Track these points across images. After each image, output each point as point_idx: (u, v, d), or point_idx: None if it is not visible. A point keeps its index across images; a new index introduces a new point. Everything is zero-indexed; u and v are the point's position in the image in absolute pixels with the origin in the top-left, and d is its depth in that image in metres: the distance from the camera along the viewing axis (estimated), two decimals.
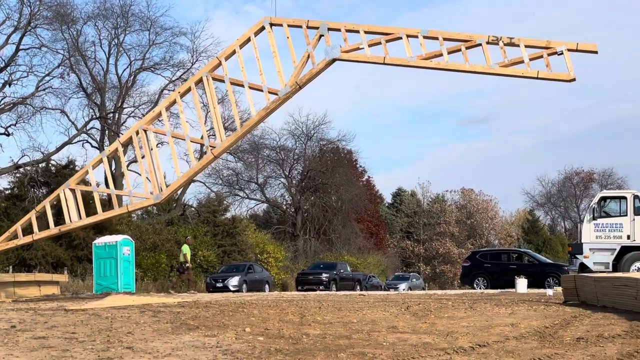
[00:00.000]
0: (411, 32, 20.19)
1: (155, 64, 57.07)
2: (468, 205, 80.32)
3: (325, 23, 20.97)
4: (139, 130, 22.02)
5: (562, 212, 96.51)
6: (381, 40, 20.47)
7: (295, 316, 15.43)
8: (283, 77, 21.04)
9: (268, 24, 21.34)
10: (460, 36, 19.98)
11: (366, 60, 20.85)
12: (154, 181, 21.65)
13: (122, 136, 23.21)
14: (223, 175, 64.42)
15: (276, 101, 20.99)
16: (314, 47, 21.01)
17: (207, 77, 21.52)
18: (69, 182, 22.36)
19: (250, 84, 21.42)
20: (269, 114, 21.71)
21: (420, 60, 20.13)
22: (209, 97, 21.63)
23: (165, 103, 22.60)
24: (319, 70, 20.92)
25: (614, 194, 31.39)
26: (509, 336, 11.53)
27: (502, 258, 35.65)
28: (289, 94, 20.97)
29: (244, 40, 21.51)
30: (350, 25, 20.83)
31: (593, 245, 27.49)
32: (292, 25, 21.38)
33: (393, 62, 20.58)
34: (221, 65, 21.66)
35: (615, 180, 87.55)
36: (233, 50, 21.57)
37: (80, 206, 22.10)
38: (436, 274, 75.74)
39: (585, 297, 17.39)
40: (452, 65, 19.95)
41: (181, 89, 22.28)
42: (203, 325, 13.66)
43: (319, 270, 44.24)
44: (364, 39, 20.60)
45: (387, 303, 18.96)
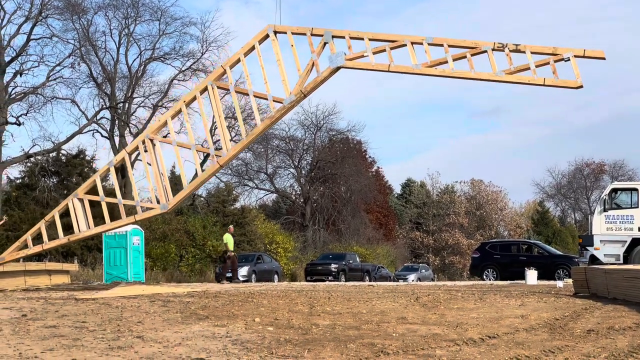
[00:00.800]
0: (416, 40, 20.09)
1: (165, 54, 57.11)
2: (477, 197, 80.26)
3: (329, 31, 20.90)
4: (145, 140, 22.00)
5: (573, 204, 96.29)
6: (386, 47, 20.37)
7: (305, 306, 15.45)
8: (288, 85, 20.94)
9: (272, 32, 21.21)
10: (465, 43, 19.85)
11: (371, 68, 20.85)
12: (160, 190, 21.66)
13: (129, 145, 23.25)
14: (232, 165, 64.45)
15: (281, 110, 20.90)
16: (319, 54, 20.94)
17: (212, 86, 21.35)
18: (77, 192, 22.48)
19: (255, 93, 21.42)
20: (273, 122, 21.75)
21: (425, 67, 20.04)
22: (214, 106, 21.48)
23: (171, 112, 22.44)
24: (324, 78, 20.83)
25: (625, 185, 31.29)
26: (519, 328, 11.51)
27: (511, 249, 35.60)
28: (293, 102, 20.89)
29: (248, 48, 21.41)
30: (355, 33, 20.76)
31: (604, 237, 27.44)
32: (296, 33, 21.24)
33: (398, 70, 20.50)
34: (226, 74, 21.63)
35: (627, 171, 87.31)
36: (238, 59, 21.47)
37: (89, 215, 22.22)
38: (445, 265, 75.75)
39: (595, 289, 17.36)
40: (457, 72, 19.86)
41: (186, 97, 22.07)
42: (213, 315, 13.68)
43: (328, 260, 44.28)
44: (368, 47, 20.48)
45: (396, 294, 18.96)
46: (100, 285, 25.48)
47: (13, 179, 51.19)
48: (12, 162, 49.70)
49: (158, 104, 56.06)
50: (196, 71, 57.31)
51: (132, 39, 56.18)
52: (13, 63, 49.98)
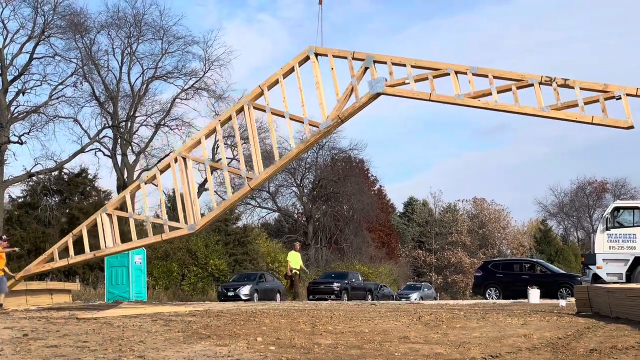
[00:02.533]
0: (460, 69, 19.72)
1: (168, 73, 57.26)
2: (480, 215, 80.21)
3: (371, 55, 20.43)
4: (177, 157, 21.69)
5: (575, 222, 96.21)
6: (428, 75, 19.95)
7: (307, 325, 15.41)
8: (325, 109, 20.58)
9: (313, 53, 20.88)
10: (511, 75, 19.41)
11: (412, 96, 20.29)
12: (189, 211, 21.27)
13: (161, 163, 22.98)
14: (235, 184, 64.40)
15: (316, 134, 20.60)
16: (359, 79, 20.48)
17: (248, 106, 21.11)
18: (107, 207, 22.14)
19: (291, 115, 20.97)
20: (308, 147, 21.48)
21: (468, 98, 19.56)
22: (249, 126, 21.16)
23: (205, 131, 22.13)
24: (362, 104, 20.39)
25: (628, 204, 31.26)
26: (522, 347, 11.47)
27: (514, 268, 35.51)
28: (330, 127, 20.55)
29: (288, 69, 21.09)
30: (397, 59, 20.29)
31: (606, 255, 27.39)
32: (337, 56, 20.83)
33: (440, 100, 19.95)
34: (263, 95, 21.25)
35: (629, 190, 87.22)
36: (276, 80, 21.11)
37: (116, 231, 21.86)
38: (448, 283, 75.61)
39: (598, 308, 17.31)
40: (501, 105, 19.42)
41: (222, 117, 21.89)
42: (214, 334, 13.65)
43: (331, 279, 44.21)
44: (410, 74, 20.07)
45: (398, 313, 18.92)
46: (102, 305, 25.42)
47: (15, 198, 51.16)
48: (14, 180, 49.72)
49: (160, 123, 56.20)
50: (198, 90, 57.48)
51: (134, 58, 56.42)
52: (15, 82, 50.16)
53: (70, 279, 38.81)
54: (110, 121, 55.04)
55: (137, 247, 23.21)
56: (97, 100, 54.69)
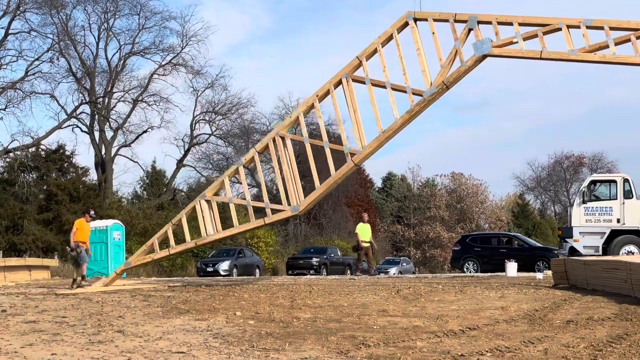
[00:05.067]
0: (572, 22, 18.67)
1: (145, 49, 56.92)
2: (458, 190, 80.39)
3: (474, 16, 19.47)
4: (275, 137, 21.19)
5: (552, 196, 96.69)
6: (537, 32, 18.90)
7: (286, 300, 15.47)
8: (429, 76, 19.71)
9: (412, 19, 19.91)
10: (629, 24, 18.26)
11: (521, 55, 19.35)
12: (291, 192, 20.77)
13: (258, 144, 21.94)
14: (213, 159, 64.29)
15: (420, 103, 19.63)
16: (463, 42, 19.49)
17: (346, 78, 20.30)
18: (205, 193, 21.34)
19: (392, 85, 20.05)
20: (412, 117, 20.18)
21: (583, 53, 18.54)
22: (349, 99, 20.26)
23: (303, 107, 21.31)
24: (468, 68, 19.47)
25: (604, 177, 31.44)
26: (499, 319, 11.58)
27: (492, 242, 35.69)
28: (435, 94, 19.56)
29: (386, 37, 20.16)
30: (503, 17, 19.34)
31: (583, 228, 27.57)
32: (438, 20, 19.82)
33: (552, 57, 19.05)
34: (361, 66, 20.41)
35: (605, 164, 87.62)
36: (374, 49, 20.24)
37: (216, 218, 21.26)
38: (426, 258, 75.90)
39: (575, 280, 17.47)
40: (619, 58, 18.26)
41: (319, 92, 20.85)
42: (194, 309, 13.69)
43: (310, 254, 44.29)
44: (518, 32, 19.04)
45: (377, 287, 19.02)
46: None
47: None
48: None
49: (138, 99, 55.91)
50: (176, 65, 57.18)
51: (111, 34, 56.04)
52: None
53: (48, 255, 38.64)
54: (88, 97, 54.70)
55: (239, 232, 22.52)
56: (74, 76, 54.29)
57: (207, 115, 61.37)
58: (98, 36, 55.68)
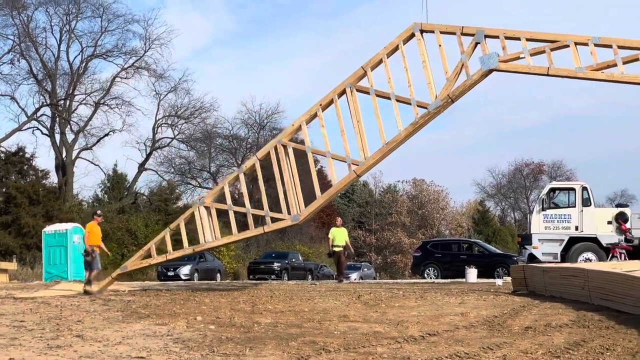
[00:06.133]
0: (580, 40, 18.57)
1: (108, 51, 56.58)
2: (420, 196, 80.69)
3: (481, 29, 19.38)
4: (277, 145, 20.89)
5: (512, 203, 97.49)
6: (545, 48, 18.85)
7: (247, 305, 15.45)
8: (434, 89, 19.51)
9: (418, 30, 19.73)
10: (638, 43, 18.24)
11: (528, 71, 19.23)
12: (291, 201, 20.56)
13: (260, 152, 21.64)
14: (175, 163, 64.06)
15: (425, 116, 19.45)
16: (469, 56, 19.38)
17: (350, 88, 19.98)
18: (204, 199, 21.17)
19: (397, 97, 19.78)
20: (417, 129, 19.96)
21: (591, 71, 18.42)
22: (352, 110, 19.92)
23: (305, 116, 20.85)
24: (474, 82, 19.33)
25: (563, 185, 31.83)
26: (459, 325, 11.67)
27: (452, 248, 35.96)
28: (439, 108, 19.36)
29: (392, 48, 19.94)
30: (510, 32, 19.25)
31: (542, 235, 27.85)
32: (445, 32, 19.65)
33: (559, 74, 18.94)
34: (366, 76, 20.10)
35: (565, 171, 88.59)
36: (380, 60, 19.96)
37: (215, 225, 20.98)
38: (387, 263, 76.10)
39: (533, 287, 17.62)
40: (628, 77, 18.20)
41: (322, 101, 20.51)
42: (154, 313, 13.62)
43: (271, 259, 44.29)
44: (525, 47, 18.94)
45: (338, 292, 19.06)
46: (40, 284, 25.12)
47: None
48: None
49: (100, 102, 55.52)
50: (139, 69, 56.88)
51: (73, 36, 55.61)
52: None
53: (7, 258, 38.21)
54: (49, 99, 54.22)
55: (238, 240, 22.29)
56: (35, 78, 53.84)
57: (170, 119, 61.15)
58: (60, 38, 55.30)
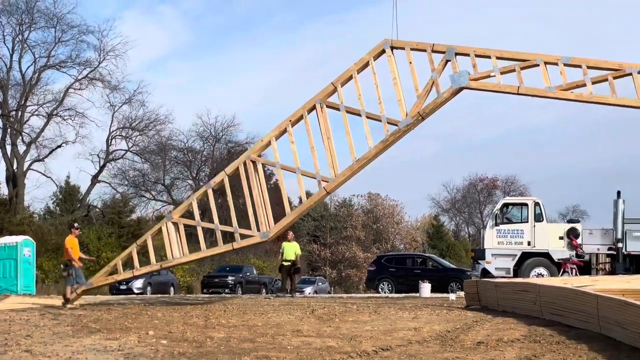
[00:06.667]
0: (550, 59, 18.77)
1: (61, 62, 55.99)
2: (374, 210, 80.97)
3: (452, 47, 19.40)
4: (246, 161, 20.65)
5: (466, 218, 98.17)
6: (515, 67, 18.95)
7: (200, 319, 15.34)
8: (404, 106, 19.48)
9: (389, 47, 19.72)
10: (607, 64, 18.46)
11: (498, 89, 19.33)
12: (261, 217, 20.35)
13: (229, 167, 21.49)
14: (129, 176, 63.48)
15: (395, 133, 19.42)
16: (439, 73, 19.40)
17: (320, 104, 19.88)
18: (172, 215, 21.02)
19: (367, 114, 19.75)
20: (387, 146, 19.96)
21: (560, 91, 18.63)
22: (322, 126, 19.85)
23: (275, 132, 20.82)
24: (445, 100, 19.34)
25: (516, 200, 32.17)
26: (412, 340, 11.68)
27: (406, 262, 36.11)
28: (410, 125, 19.34)
29: (362, 64, 19.90)
30: (481, 51, 19.29)
31: (495, 250, 28.10)
32: (415, 49, 19.64)
33: (529, 93, 19.06)
34: (336, 92, 20.05)
35: (518, 187, 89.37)
36: (350, 76, 19.90)
37: (183, 241, 20.73)
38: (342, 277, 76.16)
39: (486, 301, 17.74)
40: (597, 97, 18.41)
41: (292, 117, 20.41)
42: (105, 328, 13.46)
43: (225, 273, 44.12)
44: (495, 66, 19.04)
45: (292, 306, 19.01)
46: None
47: None
48: None
49: (53, 113, 54.92)
50: (93, 80, 56.37)
51: (26, 46, 54.94)
52: None
53: None
54: (0, 110, 53.49)
55: (206, 256, 22.08)
56: None
57: (124, 131, 60.63)
58: (12, 48, 54.61)
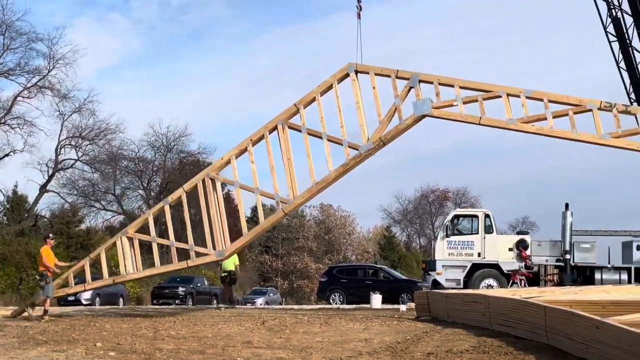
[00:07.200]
0: (512, 91, 18.96)
1: (9, 70, 55.07)
2: (327, 221, 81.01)
3: (416, 74, 19.43)
4: (205, 178, 20.34)
5: (418, 229, 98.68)
6: (478, 98, 19.10)
7: (149, 330, 15.19)
8: (366, 131, 19.55)
9: (353, 71, 19.72)
10: (568, 100, 18.73)
11: (460, 119, 19.40)
12: (217, 236, 20.11)
13: (187, 184, 21.28)
14: (79, 185, 62.75)
15: (356, 158, 19.47)
16: (403, 100, 19.46)
17: (282, 125, 19.79)
18: (127, 230, 20.64)
19: (329, 137, 19.73)
20: (347, 170, 19.96)
21: (521, 123, 18.83)
22: (283, 147, 19.77)
23: (235, 151, 20.57)
24: (406, 126, 19.47)
25: (467, 212, 32.47)
26: (362, 351, 11.67)
27: (358, 273, 36.17)
28: (371, 150, 19.44)
29: (326, 87, 19.88)
30: (445, 79, 19.39)
31: (445, 262, 28.29)
32: (380, 74, 19.72)
33: (490, 124, 19.25)
34: (298, 113, 19.99)
35: (469, 198, 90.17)
36: (313, 98, 19.86)
37: (137, 256, 20.40)
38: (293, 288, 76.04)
39: (436, 313, 17.83)
40: (557, 132, 18.69)
41: (253, 136, 20.27)
42: (52, 340, 13.26)
43: (176, 284, 43.75)
44: (458, 95, 19.16)
45: (242, 317, 18.93)
46: None
47: None
48: None
49: (0, 121, 54.08)
50: (42, 88, 55.63)
51: None
52: None
53: None
54: None
55: (160, 273, 21.85)
56: None
57: (74, 140, 59.91)
58: None
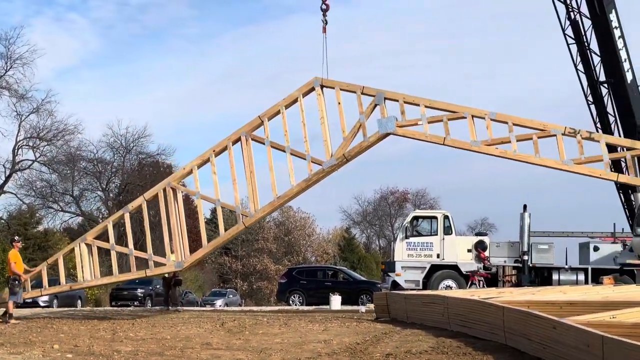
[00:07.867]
0: (477, 113, 19.00)
1: None
2: (286, 222, 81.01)
3: (381, 92, 19.37)
4: (166, 188, 20.07)
5: (377, 231, 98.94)
6: (443, 118, 19.13)
7: (107, 332, 15.11)
8: (330, 147, 19.53)
9: (319, 85, 19.63)
10: (532, 124, 18.86)
11: (424, 138, 19.42)
12: (176, 246, 19.89)
13: (147, 192, 20.99)
14: (36, 187, 62.10)
15: (319, 173, 19.43)
16: (367, 116, 19.42)
17: (245, 137, 19.65)
18: (86, 236, 20.38)
19: (292, 151, 19.66)
20: (309, 185, 19.87)
21: (485, 146, 18.92)
22: (246, 159, 19.67)
23: (197, 161, 20.40)
24: (370, 144, 19.45)
25: (426, 213, 32.56)
26: (322, 352, 11.71)
27: (317, 275, 36.19)
28: (334, 166, 19.41)
29: (291, 100, 19.78)
30: (410, 98, 19.32)
31: (405, 263, 28.39)
32: (345, 90, 19.65)
33: (455, 145, 19.26)
34: (262, 126, 19.88)
35: (428, 200, 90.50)
36: (277, 110, 19.75)
37: (95, 263, 20.20)
38: (253, 290, 75.94)
39: (396, 314, 17.91)
40: (520, 156, 18.83)
41: (216, 147, 20.11)
42: (8, 342, 13.14)
43: (135, 285, 43.37)
44: (423, 115, 19.17)
45: (202, 319, 18.89)
46: None
47: None
48: None
49: None
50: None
51: None
52: None
53: None
54: None
55: (118, 281, 21.58)
56: None
57: (31, 140, 59.28)
58: None
